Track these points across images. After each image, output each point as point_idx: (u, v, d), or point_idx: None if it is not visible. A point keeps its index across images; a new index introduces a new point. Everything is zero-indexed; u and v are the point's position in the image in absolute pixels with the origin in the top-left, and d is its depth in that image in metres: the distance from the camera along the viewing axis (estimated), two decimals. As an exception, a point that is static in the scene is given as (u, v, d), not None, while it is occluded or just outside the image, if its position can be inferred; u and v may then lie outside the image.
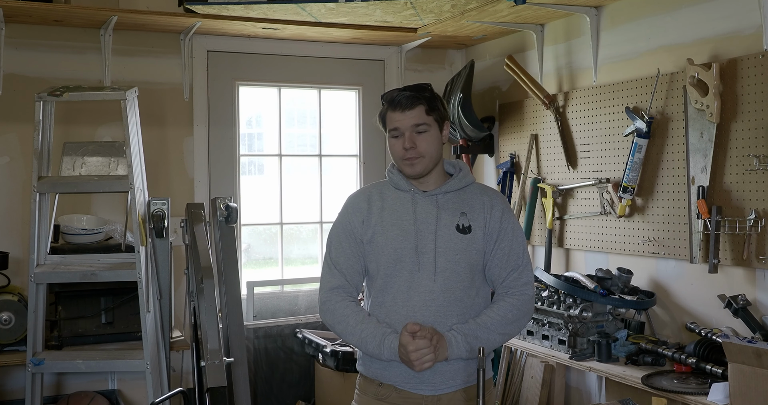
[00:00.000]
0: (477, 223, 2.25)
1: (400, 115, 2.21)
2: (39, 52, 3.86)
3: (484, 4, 3.56)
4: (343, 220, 2.31)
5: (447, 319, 2.20)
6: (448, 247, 2.22)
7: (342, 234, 2.29)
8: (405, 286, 2.21)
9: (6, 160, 3.81)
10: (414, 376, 2.19)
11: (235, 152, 4.32)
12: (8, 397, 3.66)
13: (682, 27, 3.24)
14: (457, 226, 2.24)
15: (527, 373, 3.91)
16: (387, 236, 2.24)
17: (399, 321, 2.20)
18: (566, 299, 3.37)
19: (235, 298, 3.51)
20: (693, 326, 3.01)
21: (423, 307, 2.20)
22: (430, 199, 2.27)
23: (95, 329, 3.53)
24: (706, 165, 3.04)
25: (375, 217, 2.26)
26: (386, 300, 2.23)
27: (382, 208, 2.28)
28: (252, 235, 4.54)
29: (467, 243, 2.23)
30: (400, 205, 2.27)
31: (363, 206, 2.29)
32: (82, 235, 3.62)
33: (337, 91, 4.67)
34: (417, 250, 2.21)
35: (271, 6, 3.59)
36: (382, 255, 2.23)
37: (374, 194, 2.32)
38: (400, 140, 2.22)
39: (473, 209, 2.27)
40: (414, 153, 2.21)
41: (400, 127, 2.22)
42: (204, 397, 2.80)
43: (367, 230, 2.26)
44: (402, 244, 2.22)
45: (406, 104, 2.21)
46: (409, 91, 2.23)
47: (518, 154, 4.22)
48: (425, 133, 2.22)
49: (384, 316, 2.23)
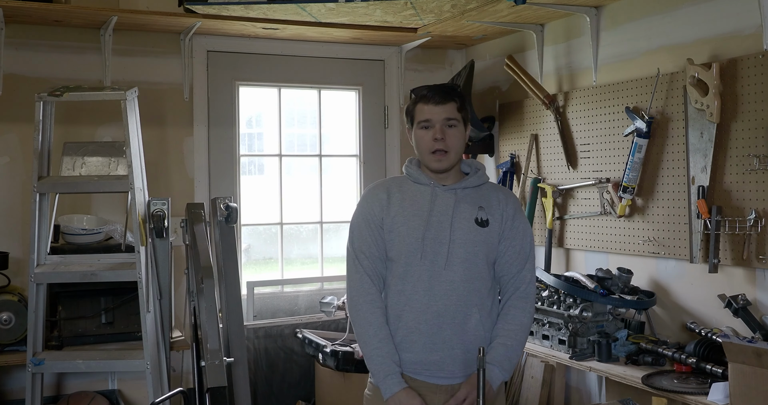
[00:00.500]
0: (494, 218, 2.33)
1: (433, 108, 2.29)
2: (39, 52, 3.86)
3: (484, 4, 3.56)
4: (363, 210, 2.36)
5: (467, 309, 2.27)
6: (468, 238, 2.28)
7: (363, 223, 2.34)
8: (426, 274, 2.27)
9: (6, 160, 3.81)
10: (432, 363, 2.26)
11: (235, 152, 4.32)
12: (8, 397, 3.66)
13: (682, 27, 3.24)
14: (476, 219, 2.31)
15: (527, 373, 3.91)
16: (409, 225, 2.29)
17: (419, 308, 2.26)
18: (566, 299, 3.37)
19: (235, 298, 3.51)
20: (693, 326, 3.02)
21: (444, 297, 2.26)
22: (449, 192, 2.33)
23: (95, 329, 3.53)
24: (706, 165, 3.04)
25: (395, 207, 2.32)
26: (406, 288, 2.29)
27: (402, 199, 2.33)
28: (252, 235, 4.54)
29: (485, 236, 2.31)
30: (420, 197, 2.33)
31: (383, 196, 2.35)
32: (82, 235, 3.62)
33: (337, 91, 4.67)
34: (437, 240, 2.27)
35: (271, 6, 3.59)
36: (404, 244, 2.29)
37: (393, 187, 2.38)
38: (430, 132, 2.29)
39: (490, 205, 2.35)
40: (443, 145, 2.28)
41: (432, 119, 2.29)
42: (204, 397, 2.80)
43: (386, 219, 2.31)
44: (422, 233, 2.27)
45: (440, 98, 2.29)
46: (443, 88, 2.32)
47: (518, 154, 4.23)
48: (454, 129, 2.30)
49: (404, 304, 2.28)
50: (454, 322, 2.26)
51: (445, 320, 2.26)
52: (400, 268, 2.30)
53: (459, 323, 2.26)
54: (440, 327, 2.26)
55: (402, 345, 2.28)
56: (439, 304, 2.26)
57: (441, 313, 2.26)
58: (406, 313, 2.27)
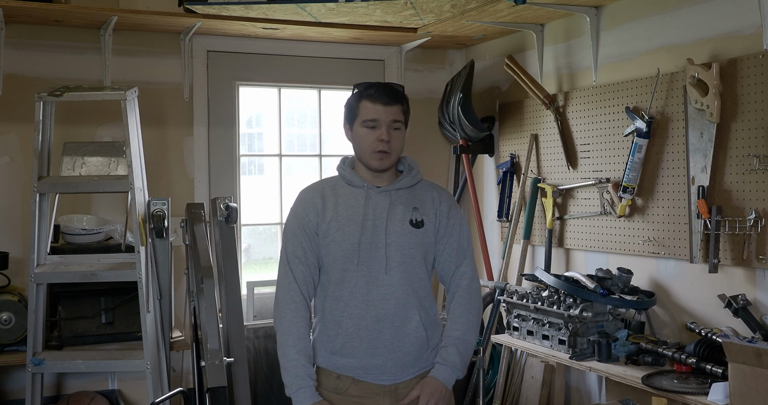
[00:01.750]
0: (428, 217, 2.35)
1: (380, 108, 2.28)
2: (39, 52, 3.86)
3: (484, 4, 3.56)
4: (297, 214, 2.35)
5: (406, 311, 2.29)
6: (403, 241, 2.29)
7: (298, 228, 2.33)
8: (363, 280, 2.27)
9: (6, 160, 3.81)
10: (374, 367, 2.28)
11: (235, 152, 4.32)
12: (8, 397, 3.66)
13: (682, 27, 3.24)
14: (410, 220, 2.32)
15: (527, 373, 3.91)
16: (343, 231, 2.28)
17: (358, 314, 2.27)
18: (566, 299, 3.37)
19: (235, 298, 3.51)
20: (693, 326, 3.01)
21: (383, 300, 2.27)
22: (383, 194, 2.33)
23: (95, 329, 3.53)
24: (706, 165, 3.04)
25: (330, 212, 2.31)
26: (344, 294, 2.29)
27: (336, 203, 2.33)
28: (252, 235, 4.54)
29: (421, 237, 2.32)
30: (354, 201, 2.32)
31: (317, 201, 2.34)
32: (82, 235, 3.62)
33: (337, 91, 4.67)
34: (373, 244, 2.27)
35: (271, 6, 3.59)
36: (339, 249, 2.28)
37: (327, 190, 2.37)
38: (376, 132, 2.28)
39: (424, 204, 2.36)
40: (387, 147, 2.28)
41: (379, 120, 2.28)
42: (204, 397, 2.80)
43: (321, 225, 2.30)
44: (358, 238, 2.27)
45: (388, 99, 2.28)
46: (390, 88, 2.31)
47: (518, 154, 4.23)
48: (398, 131, 2.31)
49: (342, 310, 2.28)
50: (394, 325, 2.27)
51: (385, 325, 2.26)
52: (336, 275, 2.29)
53: (399, 326, 2.27)
54: (380, 332, 2.26)
55: (343, 351, 2.28)
56: (378, 309, 2.26)
57: (380, 317, 2.26)
58: (345, 319, 2.27)
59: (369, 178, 2.35)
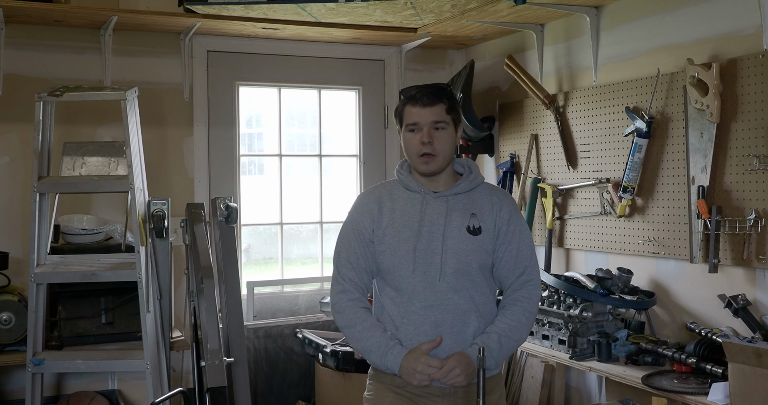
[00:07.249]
0: (486, 224, 2.29)
1: (420, 110, 2.24)
2: (39, 52, 3.86)
3: (484, 4, 3.56)
4: (353, 221, 2.33)
5: (465, 316, 2.25)
6: (460, 248, 2.24)
7: (352, 234, 2.31)
8: (420, 286, 2.24)
9: (6, 160, 3.81)
10: None
11: (235, 152, 4.32)
12: (8, 397, 3.66)
13: (682, 27, 3.24)
14: (468, 227, 2.27)
15: (527, 373, 3.91)
16: (399, 237, 2.26)
17: (417, 320, 2.23)
18: (566, 299, 3.37)
19: (235, 298, 3.51)
20: (693, 326, 3.02)
21: (441, 306, 2.24)
22: (440, 200, 2.29)
23: (95, 329, 3.53)
24: (706, 165, 3.04)
25: (386, 219, 2.28)
26: (402, 300, 2.26)
27: (393, 209, 2.30)
28: (252, 235, 4.54)
29: (478, 244, 2.26)
30: (410, 206, 2.29)
31: (373, 207, 2.31)
32: (82, 235, 3.62)
33: (337, 91, 4.67)
34: (429, 251, 2.23)
35: (271, 6, 3.59)
36: (395, 256, 2.25)
37: (384, 195, 2.33)
38: (418, 135, 2.24)
39: (483, 210, 2.30)
40: (430, 149, 2.23)
41: (419, 122, 2.24)
42: (204, 397, 2.80)
43: (377, 231, 2.28)
44: (413, 244, 2.24)
45: (428, 100, 2.24)
46: (431, 89, 2.26)
47: (518, 154, 4.23)
48: (443, 131, 2.25)
49: (401, 316, 2.25)
50: (453, 331, 2.24)
51: (444, 330, 2.23)
52: (394, 280, 2.27)
53: (458, 332, 2.24)
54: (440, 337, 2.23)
55: None
56: (436, 315, 2.23)
57: (439, 323, 2.23)
58: (405, 325, 2.25)
59: (425, 182, 2.30)
